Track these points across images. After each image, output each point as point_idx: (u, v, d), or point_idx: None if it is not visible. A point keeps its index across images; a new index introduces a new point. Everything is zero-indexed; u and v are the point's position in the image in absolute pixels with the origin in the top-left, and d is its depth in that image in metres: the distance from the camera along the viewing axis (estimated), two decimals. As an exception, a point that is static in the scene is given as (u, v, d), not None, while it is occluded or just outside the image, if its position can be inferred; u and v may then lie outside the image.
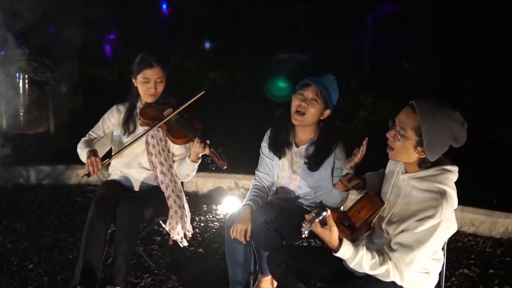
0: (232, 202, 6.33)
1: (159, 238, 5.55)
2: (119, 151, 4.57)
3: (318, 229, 3.25)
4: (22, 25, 6.39)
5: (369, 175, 3.89)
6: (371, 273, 3.33)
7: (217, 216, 6.20)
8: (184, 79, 11.93)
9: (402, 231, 3.32)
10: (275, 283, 4.48)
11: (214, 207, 6.41)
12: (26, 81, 7.64)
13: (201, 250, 5.40)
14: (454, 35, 13.81)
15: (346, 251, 3.28)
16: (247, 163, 5.60)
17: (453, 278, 4.96)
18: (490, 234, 5.89)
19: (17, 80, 7.58)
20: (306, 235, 3.26)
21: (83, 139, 4.67)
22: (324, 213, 3.22)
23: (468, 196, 6.05)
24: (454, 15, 14.28)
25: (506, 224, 5.87)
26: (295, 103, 4.24)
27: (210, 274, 4.98)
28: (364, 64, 15.23)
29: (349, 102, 9.72)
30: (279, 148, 4.41)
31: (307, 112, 4.19)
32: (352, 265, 3.33)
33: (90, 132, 4.74)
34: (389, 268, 3.29)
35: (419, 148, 3.30)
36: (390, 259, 3.30)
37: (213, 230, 5.86)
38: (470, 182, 6.35)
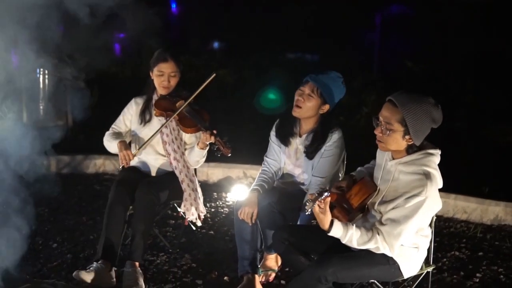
0: (241, 190, 6.74)
1: (173, 221, 5.97)
2: (145, 143, 5.00)
3: (316, 210, 3.69)
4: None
5: (360, 170, 4.31)
6: (361, 247, 3.76)
7: (227, 203, 6.63)
8: (194, 77, 12.31)
9: (392, 209, 3.74)
10: (279, 261, 4.93)
11: (223, 194, 6.83)
12: (46, 76, 8.06)
13: (212, 232, 5.82)
14: (458, 36, 14.20)
15: (337, 231, 3.71)
16: (254, 154, 5.98)
17: (444, 259, 5.36)
18: (481, 220, 6.29)
19: (37, 75, 7.99)
20: (309, 213, 3.69)
21: (108, 132, 5.12)
22: (326, 194, 3.65)
23: (461, 186, 6.50)
24: (459, 16, 14.68)
25: (496, 212, 6.28)
26: (295, 98, 4.68)
27: (219, 254, 5.40)
28: (372, 64, 15.49)
29: (352, 100, 10.11)
30: (285, 138, 4.84)
31: (303, 106, 4.62)
32: (344, 241, 3.76)
33: (113, 126, 5.17)
34: (378, 241, 3.71)
35: (406, 137, 3.72)
36: (378, 233, 3.72)
37: (223, 215, 6.29)
38: (464, 174, 6.80)
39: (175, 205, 5.17)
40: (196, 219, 5.07)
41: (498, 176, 7.01)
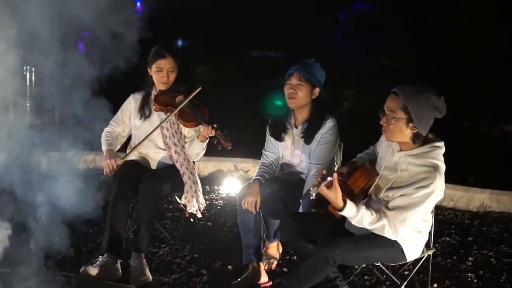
0: (232, 183, 6.89)
1: (170, 214, 6.08)
2: (134, 148, 5.15)
3: (325, 191, 3.84)
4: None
5: (360, 156, 4.49)
6: (370, 227, 3.92)
7: (220, 195, 6.75)
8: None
9: (400, 196, 3.91)
10: (280, 249, 5.09)
11: (216, 187, 6.95)
12: (33, 73, 8.09)
13: (210, 224, 5.96)
14: (425, 31, 14.51)
15: (349, 210, 3.86)
16: (244, 148, 6.13)
17: (437, 245, 5.55)
18: (468, 208, 6.51)
19: (24, 72, 8.02)
20: (314, 197, 3.84)
21: (105, 129, 5.23)
22: (329, 178, 3.81)
23: (448, 175, 6.69)
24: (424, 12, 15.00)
25: (482, 199, 6.52)
26: (286, 92, 4.86)
27: (219, 244, 5.54)
28: (338, 61, 15.66)
29: (332, 95, 10.29)
30: (278, 134, 5.02)
31: (297, 96, 4.80)
32: (354, 221, 3.91)
33: (111, 122, 5.27)
34: (384, 223, 3.88)
35: (410, 124, 3.89)
36: (385, 217, 3.89)
37: (218, 207, 6.42)
38: (449, 163, 7.00)
39: (176, 197, 5.28)
40: (196, 211, 5.20)
41: (482, 165, 7.24)
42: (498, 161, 7.73)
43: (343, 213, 3.88)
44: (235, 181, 6.91)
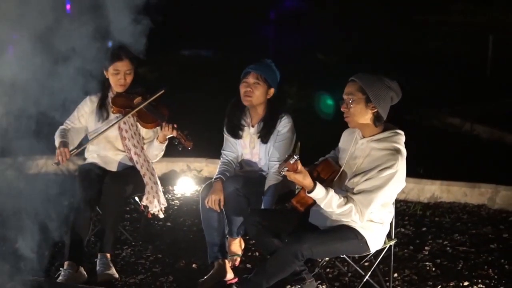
0: (186, 182, 6.92)
1: (129, 216, 6.07)
2: (89, 141, 5.16)
3: (292, 175, 3.97)
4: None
5: (321, 159, 4.60)
6: (338, 210, 4.04)
7: (176, 195, 6.76)
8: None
9: (364, 180, 4.06)
10: (243, 245, 5.18)
11: (170, 187, 6.96)
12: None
13: (169, 224, 5.98)
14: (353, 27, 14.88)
15: (319, 192, 3.99)
16: (197, 147, 6.14)
17: (392, 235, 5.71)
18: (419, 199, 6.69)
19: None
20: (283, 174, 3.97)
21: (60, 127, 5.18)
22: (295, 157, 3.93)
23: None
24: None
25: (432, 190, 6.70)
26: (242, 90, 4.96)
27: (181, 243, 5.58)
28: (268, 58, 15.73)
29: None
30: (235, 132, 5.10)
31: (253, 94, 4.91)
32: (323, 204, 4.04)
33: (66, 121, 5.22)
34: (352, 207, 4.03)
35: (369, 104, 4.08)
36: (352, 201, 4.04)
37: (175, 207, 6.44)
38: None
39: (136, 198, 5.30)
40: (158, 211, 5.23)
41: (430, 157, 7.44)
42: (445, 153, 7.95)
43: (313, 194, 4.00)
44: (189, 181, 6.94)
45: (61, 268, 4.78)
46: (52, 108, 4.64)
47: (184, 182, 6.94)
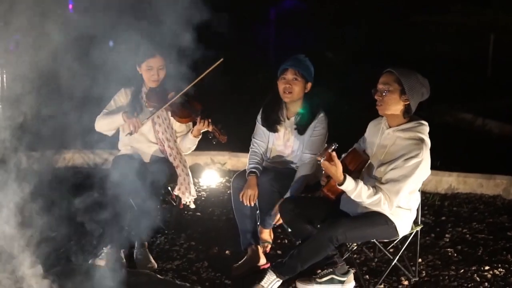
0: (211, 175, 7.16)
1: (159, 206, 6.28)
2: (148, 117, 5.29)
3: (327, 166, 4.19)
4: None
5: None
6: (368, 201, 4.28)
7: (202, 187, 7.00)
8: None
9: (391, 170, 4.29)
10: (272, 235, 5.40)
11: (196, 180, 7.18)
12: (5, 75, 8.17)
13: (199, 214, 6.22)
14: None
15: (349, 184, 4.22)
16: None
17: (419, 221, 5.95)
18: (437, 190, 6.94)
19: None
20: (320, 162, 4.19)
21: (102, 112, 5.36)
22: (334, 145, 4.19)
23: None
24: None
25: (449, 182, 6.95)
26: (281, 87, 5.17)
27: (212, 232, 5.82)
28: (268, 58, 15.85)
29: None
30: (272, 126, 5.31)
31: (293, 90, 5.11)
32: (353, 195, 4.27)
33: (104, 110, 5.38)
34: (381, 197, 4.26)
35: (403, 96, 4.32)
36: (381, 190, 4.27)
37: (203, 198, 6.68)
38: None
39: (169, 188, 5.52)
40: (190, 202, 5.45)
41: (445, 151, 7.66)
42: (459, 147, 8.21)
43: (343, 187, 4.23)
44: (213, 174, 7.18)
45: (102, 254, 5.00)
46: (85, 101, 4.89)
47: (209, 175, 7.18)
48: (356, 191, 4.23)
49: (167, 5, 4.76)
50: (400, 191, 4.28)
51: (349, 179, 4.21)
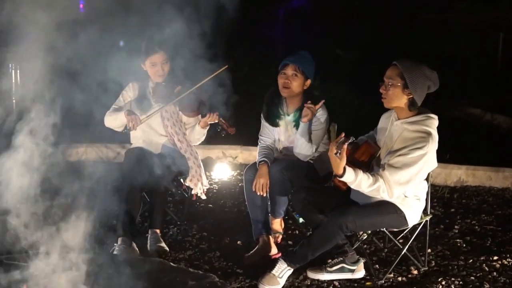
0: (223, 168, 7.26)
1: (171, 198, 6.37)
2: (149, 115, 5.36)
3: (333, 156, 4.23)
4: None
5: (360, 138, 4.89)
6: (367, 190, 4.32)
7: (214, 180, 7.10)
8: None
9: (394, 157, 4.34)
10: (283, 225, 5.47)
11: (207, 173, 7.26)
12: (18, 71, 8.27)
13: (211, 206, 6.31)
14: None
15: (348, 176, 4.26)
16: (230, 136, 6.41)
17: (428, 211, 6.02)
18: (446, 183, 7.01)
19: (10, 70, 8.19)
20: (338, 155, 4.20)
21: (112, 107, 5.44)
22: (351, 139, 4.23)
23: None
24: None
25: (458, 174, 7.02)
26: (280, 81, 5.22)
27: (224, 223, 5.90)
28: (277, 57, 15.83)
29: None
30: (273, 120, 5.37)
31: (291, 85, 5.17)
32: (353, 186, 4.34)
33: (113, 106, 5.47)
34: (380, 184, 4.29)
35: (406, 90, 4.37)
36: (381, 177, 4.31)
37: (215, 191, 6.78)
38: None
39: (181, 179, 5.59)
40: (201, 193, 5.52)
41: (454, 144, 7.74)
42: (469, 140, 8.28)
43: (343, 178, 4.28)
44: (225, 167, 7.27)
45: (115, 244, 5.09)
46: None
47: (220, 168, 7.27)
48: (356, 181, 4.27)
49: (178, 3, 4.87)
50: (401, 180, 4.31)
51: (348, 171, 4.25)
